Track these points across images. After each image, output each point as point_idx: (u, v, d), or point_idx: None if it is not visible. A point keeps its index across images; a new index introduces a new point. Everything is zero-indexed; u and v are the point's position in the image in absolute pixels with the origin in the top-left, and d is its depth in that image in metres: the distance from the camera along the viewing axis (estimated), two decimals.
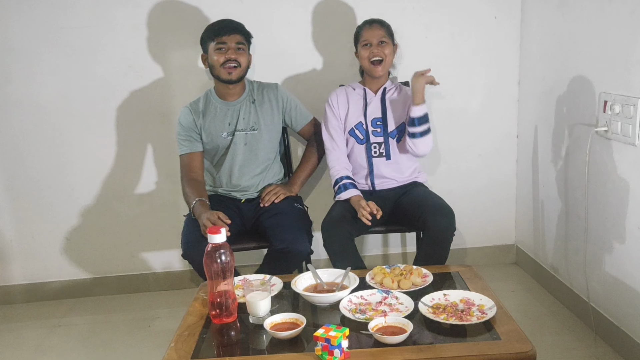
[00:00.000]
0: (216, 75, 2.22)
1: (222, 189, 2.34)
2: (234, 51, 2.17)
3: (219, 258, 1.55)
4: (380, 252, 2.92)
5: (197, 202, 2.14)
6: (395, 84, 2.34)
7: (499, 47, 2.70)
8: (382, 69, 2.22)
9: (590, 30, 2.10)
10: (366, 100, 2.28)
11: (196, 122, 2.25)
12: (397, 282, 1.73)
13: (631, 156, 1.90)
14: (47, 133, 2.65)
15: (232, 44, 2.17)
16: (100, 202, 2.74)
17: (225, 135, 2.26)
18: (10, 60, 2.56)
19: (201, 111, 2.26)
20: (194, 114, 2.26)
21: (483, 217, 2.88)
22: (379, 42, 2.19)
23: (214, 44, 2.17)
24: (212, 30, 2.19)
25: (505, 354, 1.37)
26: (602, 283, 2.13)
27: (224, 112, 2.26)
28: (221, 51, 2.17)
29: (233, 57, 2.17)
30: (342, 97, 2.30)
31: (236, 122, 2.26)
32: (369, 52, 2.20)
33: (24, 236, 2.75)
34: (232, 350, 1.51)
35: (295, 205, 2.27)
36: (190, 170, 2.27)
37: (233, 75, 2.19)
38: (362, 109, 2.27)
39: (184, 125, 2.26)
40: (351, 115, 2.28)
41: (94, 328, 2.53)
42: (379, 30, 2.21)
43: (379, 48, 2.19)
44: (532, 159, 2.65)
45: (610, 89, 1.98)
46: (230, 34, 2.17)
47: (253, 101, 2.28)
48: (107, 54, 2.58)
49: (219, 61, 2.17)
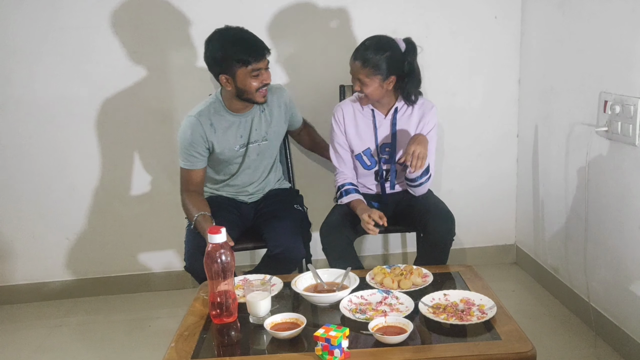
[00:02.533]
0: (247, 99, 2.06)
1: (228, 192, 2.30)
2: (268, 74, 2.05)
3: (219, 258, 1.55)
4: (380, 252, 2.92)
5: (200, 216, 2.03)
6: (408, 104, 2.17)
7: (499, 47, 2.69)
8: (367, 102, 2.10)
9: (590, 29, 2.10)
10: (375, 125, 2.14)
11: (207, 136, 2.10)
12: (397, 282, 1.73)
13: (631, 156, 1.90)
14: (48, 133, 2.65)
15: (264, 67, 2.03)
16: (100, 202, 2.74)
17: (237, 148, 2.16)
18: (11, 61, 2.56)
19: (211, 124, 2.10)
20: (204, 124, 2.08)
21: (483, 216, 2.88)
22: (357, 79, 2.04)
23: (246, 69, 1.98)
24: (243, 55, 1.98)
25: (506, 354, 1.37)
26: (602, 283, 2.13)
27: (237, 125, 2.14)
28: (257, 77, 2.01)
29: (269, 81, 2.05)
30: (350, 116, 2.16)
31: (249, 134, 2.16)
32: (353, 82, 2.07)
33: (25, 236, 2.75)
34: (232, 350, 1.51)
35: (295, 207, 2.26)
36: (190, 184, 2.16)
37: (267, 97, 2.09)
38: (372, 133, 2.14)
39: (191, 139, 2.08)
40: (359, 139, 2.16)
41: (95, 328, 2.54)
42: (359, 69, 2.01)
43: (359, 85, 2.04)
44: (533, 159, 2.65)
45: (610, 89, 1.98)
46: (263, 58, 2.01)
47: (263, 110, 2.19)
48: (107, 54, 2.57)
49: (255, 87, 2.02)
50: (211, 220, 2.05)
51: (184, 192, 2.16)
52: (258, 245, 2.20)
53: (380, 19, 2.60)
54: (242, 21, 2.53)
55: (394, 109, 2.14)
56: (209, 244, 1.55)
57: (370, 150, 2.16)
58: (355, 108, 2.17)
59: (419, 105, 2.15)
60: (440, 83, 2.67)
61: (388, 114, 2.15)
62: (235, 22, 2.57)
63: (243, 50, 1.98)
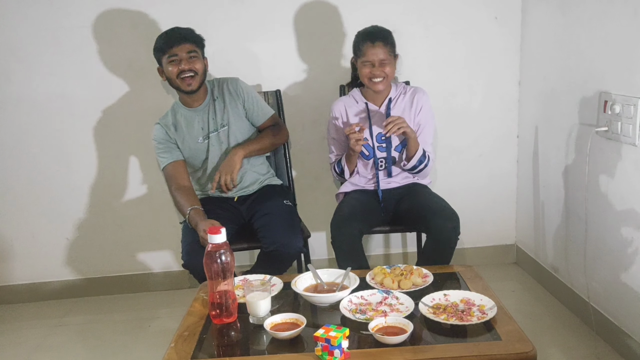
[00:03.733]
0: (176, 87, 2.19)
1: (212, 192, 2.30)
2: (187, 61, 2.13)
3: (219, 258, 1.55)
4: (381, 252, 2.92)
5: (192, 210, 2.08)
6: (399, 91, 2.26)
7: (499, 47, 2.69)
8: (383, 86, 2.16)
9: (590, 30, 2.10)
10: (369, 116, 2.21)
11: (170, 135, 2.24)
12: (397, 282, 1.73)
13: (631, 156, 1.90)
14: (47, 133, 2.65)
15: (183, 54, 2.13)
16: (100, 202, 2.74)
17: (201, 140, 2.24)
18: (10, 60, 2.56)
19: (172, 124, 2.25)
20: (166, 127, 2.24)
21: (483, 217, 2.87)
22: (381, 63, 2.11)
23: (166, 57, 2.14)
24: (161, 43, 2.15)
25: (506, 354, 1.37)
26: (602, 283, 2.13)
27: (194, 119, 2.25)
28: (174, 63, 2.13)
29: (187, 67, 2.13)
30: (344, 111, 2.25)
31: (207, 124, 2.24)
32: (369, 71, 2.12)
33: (24, 236, 2.75)
34: (232, 351, 1.51)
35: (285, 203, 2.26)
36: (177, 179, 2.22)
37: (193, 86, 2.16)
38: (367, 124, 2.20)
39: (159, 140, 2.24)
40: None
41: (94, 328, 2.54)
42: (381, 49, 2.09)
43: (380, 69, 2.11)
44: (533, 159, 2.65)
45: (610, 89, 1.98)
46: (179, 44, 2.12)
47: (216, 98, 2.27)
48: (107, 53, 2.58)
49: (174, 73, 2.14)
50: (203, 214, 2.08)
51: (173, 190, 2.22)
52: (252, 246, 2.20)
53: (381, 19, 2.59)
54: (242, 21, 2.55)
55: (388, 100, 2.22)
56: (209, 244, 1.55)
57: (366, 139, 2.19)
58: (348, 103, 2.26)
59: (411, 92, 2.25)
60: (440, 84, 2.67)
61: (382, 105, 2.23)
62: (235, 22, 2.58)
63: (161, 39, 2.16)
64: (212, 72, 2.60)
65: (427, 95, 2.25)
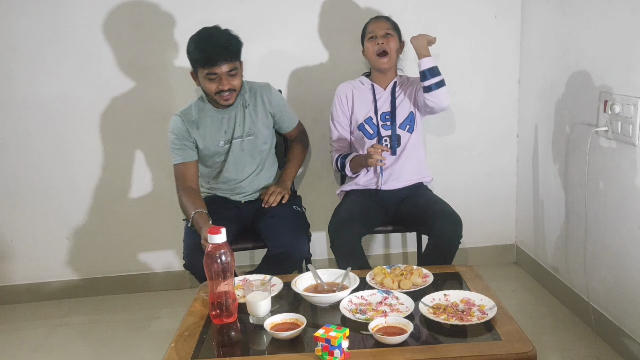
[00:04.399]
0: (210, 100, 2.14)
1: (221, 192, 2.31)
2: (227, 80, 2.03)
3: (219, 258, 1.55)
4: (381, 252, 2.92)
5: (196, 214, 2.04)
6: (404, 78, 2.36)
7: (499, 47, 2.69)
8: (389, 61, 2.24)
9: (590, 29, 2.10)
10: (375, 96, 2.29)
11: (190, 132, 2.16)
12: (397, 282, 1.73)
13: (631, 156, 1.90)
14: (48, 132, 2.65)
15: (223, 73, 2.01)
16: (100, 202, 2.74)
17: (222, 144, 2.19)
18: (12, 60, 2.56)
19: (194, 120, 2.16)
20: (187, 123, 2.15)
21: (483, 216, 2.87)
22: (385, 35, 2.22)
23: (204, 72, 2.02)
24: (199, 56, 2.01)
25: (506, 354, 1.37)
26: (602, 283, 2.13)
27: (220, 120, 2.18)
28: (213, 81, 2.03)
29: (227, 87, 2.04)
30: (350, 92, 2.32)
31: (232, 130, 2.18)
32: (374, 44, 2.22)
33: (25, 236, 2.75)
34: (232, 351, 1.51)
35: (294, 208, 2.26)
36: (185, 180, 2.18)
37: (230, 101, 2.10)
38: (372, 103, 2.28)
39: (177, 134, 2.16)
40: (360, 110, 2.29)
41: (95, 328, 2.54)
42: (384, 23, 2.26)
43: (384, 39, 2.21)
44: (533, 159, 2.65)
45: (610, 89, 1.98)
46: (219, 64, 1.99)
47: (247, 105, 2.20)
48: (109, 53, 2.58)
49: (212, 89, 2.05)
50: (207, 217, 2.06)
51: (180, 189, 2.18)
52: (258, 245, 2.20)
53: None
54: (242, 21, 2.54)
55: (393, 83, 2.31)
56: (209, 244, 1.55)
57: (371, 118, 2.27)
58: (355, 86, 2.34)
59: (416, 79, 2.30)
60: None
61: (387, 88, 2.31)
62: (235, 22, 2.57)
63: (198, 53, 2.02)
64: None
65: None
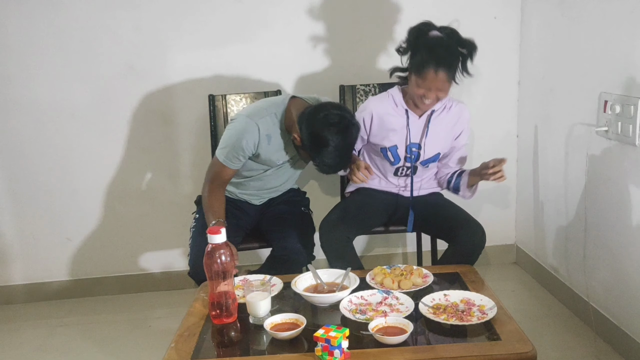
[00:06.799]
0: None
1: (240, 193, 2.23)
2: None
3: (219, 258, 1.55)
4: (381, 252, 2.92)
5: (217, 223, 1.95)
6: (443, 103, 2.09)
7: (499, 47, 2.69)
8: (432, 107, 2.04)
9: (590, 29, 2.10)
10: (408, 125, 2.08)
11: (259, 146, 2.02)
12: (397, 282, 1.73)
13: (631, 156, 1.90)
14: (48, 134, 2.64)
15: None
16: (101, 203, 2.74)
17: (280, 162, 2.12)
18: (11, 61, 2.56)
19: (267, 135, 2.02)
20: (261, 136, 2.01)
21: (483, 217, 2.85)
22: (438, 92, 1.93)
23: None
24: (329, 160, 1.94)
25: (506, 354, 1.37)
26: (602, 283, 2.13)
27: (287, 143, 2.08)
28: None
29: None
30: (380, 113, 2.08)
31: (294, 153, 2.11)
32: (422, 93, 1.94)
33: (25, 236, 2.75)
34: (232, 351, 1.51)
35: (302, 210, 2.25)
36: (219, 179, 2.07)
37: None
38: (403, 132, 2.09)
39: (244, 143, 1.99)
40: (387, 135, 2.10)
41: (95, 328, 2.54)
42: (443, 78, 1.89)
43: (434, 93, 1.93)
44: (533, 159, 2.65)
45: (610, 89, 1.98)
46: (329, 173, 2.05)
47: None
48: (108, 54, 2.57)
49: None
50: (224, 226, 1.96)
51: (209, 184, 2.06)
52: (264, 245, 2.20)
53: (380, 19, 2.60)
54: (243, 22, 2.54)
55: (431, 112, 2.07)
56: (209, 244, 1.55)
57: (397, 147, 2.10)
58: (387, 105, 2.09)
59: (454, 108, 2.12)
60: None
61: (423, 116, 2.09)
62: (236, 23, 2.58)
63: (314, 158, 1.95)
64: (212, 71, 2.61)
65: (469, 113, 2.16)
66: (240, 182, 2.21)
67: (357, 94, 2.51)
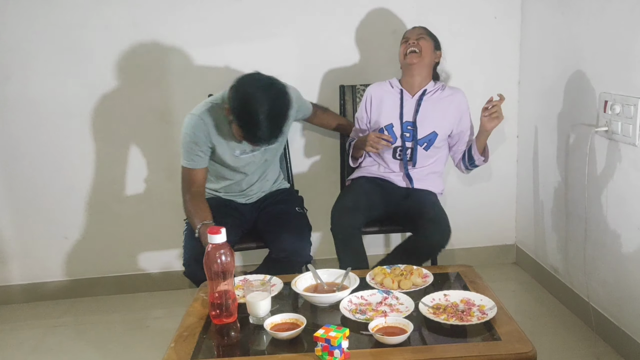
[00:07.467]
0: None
1: (226, 194, 2.25)
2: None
3: (219, 258, 1.54)
4: (381, 252, 2.91)
5: (203, 226, 1.96)
6: (438, 86, 2.27)
7: (499, 47, 2.69)
8: (417, 60, 2.17)
9: (590, 29, 2.10)
10: (402, 101, 2.24)
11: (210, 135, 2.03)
12: (397, 282, 1.73)
13: (631, 156, 1.90)
14: (46, 132, 2.64)
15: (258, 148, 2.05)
16: (99, 202, 2.73)
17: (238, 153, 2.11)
18: (8, 59, 2.55)
19: (215, 125, 2.03)
20: (208, 125, 2.02)
21: (483, 217, 2.87)
22: (417, 38, 2.18)
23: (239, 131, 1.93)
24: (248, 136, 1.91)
25: (506, 354, 1.37)
26: (602, 283, 2.13)
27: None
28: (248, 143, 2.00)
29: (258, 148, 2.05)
30: (377, 94, 2.27)
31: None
32: (406, 46, 2.19)
33: (23, 236, 2.75)
34: (232, 351, 1.51)
35: (296, 210, 2.24)
36: (193, 184, 2.08)
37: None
38: (397, 109, 2.23)
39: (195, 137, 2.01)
40: (385, 114, 2.24)
41: (93, 328, 2.53)
42: (419, 29, 2.24)
43: (414, 41, 2.18)
44: (533, 159, 2.65)
45: (610, 89, 1.98)
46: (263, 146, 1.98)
47: None
48: (106, 53, 2.57)
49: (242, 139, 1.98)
50: None
51: (187, 193, 2.09)
52: (261, 245, 2.20)
53: (380, 19, 2.60)
54: (242, 21, 2.54)
55: (423, 91, 2.23)
56: (209, 244, 1.55)
57: (392, 125, 2.22)
58: (385, 89, 2.28)
59: (449, 92, 2.26)
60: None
61: (415, 95, 2.24)
62: (234, 22, 2.57)
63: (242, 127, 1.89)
64: (211, 71, 2.60)
65: (465, 97, 2.28)
66: (223, 187, 2.23)
67: (357, 94, 2.51)
